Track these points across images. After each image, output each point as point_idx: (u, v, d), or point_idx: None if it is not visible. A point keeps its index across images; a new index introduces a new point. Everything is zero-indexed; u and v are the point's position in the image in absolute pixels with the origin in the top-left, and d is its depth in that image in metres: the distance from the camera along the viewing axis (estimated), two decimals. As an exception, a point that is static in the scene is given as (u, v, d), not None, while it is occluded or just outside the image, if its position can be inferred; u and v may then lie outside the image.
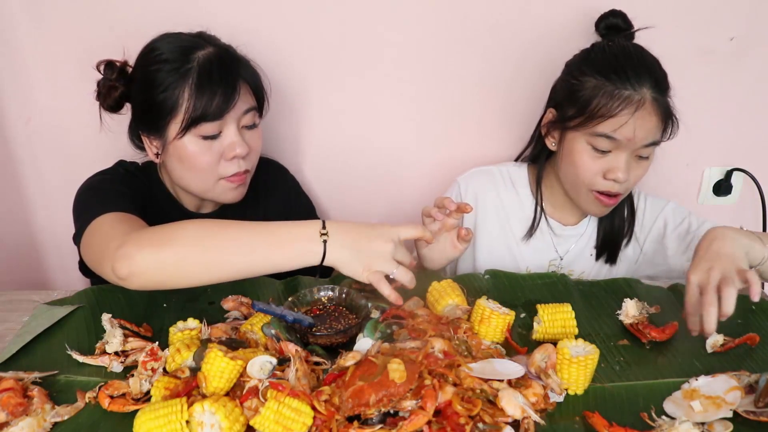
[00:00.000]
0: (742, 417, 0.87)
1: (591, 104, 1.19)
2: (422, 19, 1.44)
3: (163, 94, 1.13)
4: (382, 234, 0.99)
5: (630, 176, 1.22)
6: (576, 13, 1.41)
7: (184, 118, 1.12)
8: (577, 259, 1.42)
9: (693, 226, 1.34)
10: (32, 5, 1.38)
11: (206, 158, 1.16)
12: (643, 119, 1.17)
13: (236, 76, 1.15)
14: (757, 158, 1.67)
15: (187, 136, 1.15)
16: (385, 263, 0.98)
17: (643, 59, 1.21)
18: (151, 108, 1.15)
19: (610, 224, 1.38)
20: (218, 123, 1.14)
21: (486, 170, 1.44)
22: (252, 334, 0.99)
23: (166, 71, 1.13)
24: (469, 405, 0.84)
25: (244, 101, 1.17)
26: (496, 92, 1.54)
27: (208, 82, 1.12)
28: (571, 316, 1.04)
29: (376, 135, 1.59)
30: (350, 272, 0.98)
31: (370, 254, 0.97)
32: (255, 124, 1.21)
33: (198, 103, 1.12)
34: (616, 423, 0.86)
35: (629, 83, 1.16)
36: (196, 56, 1.14)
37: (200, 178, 1.20)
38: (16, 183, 1.57)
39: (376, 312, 1.03)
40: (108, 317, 1.06)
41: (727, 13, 1.49)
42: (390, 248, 0.98)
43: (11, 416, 0.86)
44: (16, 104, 1.48)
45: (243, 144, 1.17)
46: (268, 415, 0.80)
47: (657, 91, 1.17)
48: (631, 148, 1.20)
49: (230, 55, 1.18)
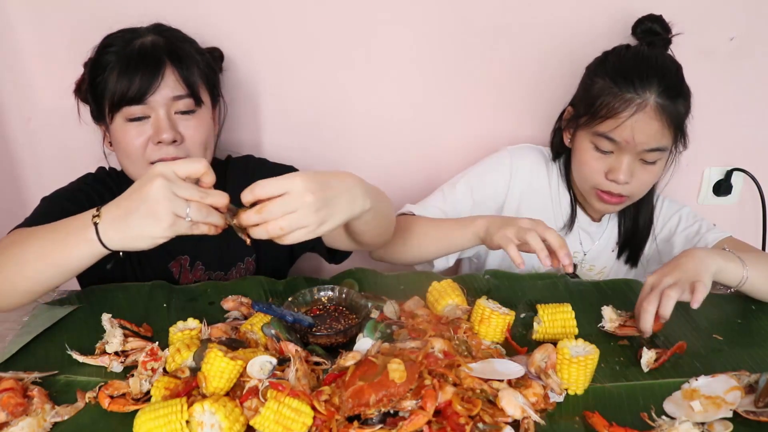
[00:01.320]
0: (742, 417, 0.87)
1: (596, 103, 1.21)
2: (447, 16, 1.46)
3: (100, 77, 1.17)
4: (147, 192, 0.83)
5: (634, 180, 1.23)
6: (605, 14, 1.42)
7: (110, 100, 1.16)
8: (600, 255, 1.43)
9: (702, 229, 1.35)
10: (32, 5, 1.38)
11: (135, 141, 1.17)
12: (643, 122, 1.17)
13: (160, 62, 1.16)
14: (757, 158, 1.67)
15: (117, 119, 1.17)
16: (162, 215, 0.82)
17: (656, 65, 1.21)
18: (93, 91, 1.20)
19: (633, 223, 1.39)
20: (144, 107, 1.16)
21: (536, 149, 1.43)
22: (252, 334, 0.99)
23: (106, 54, 1.18)
24: (469, 405, 0.84)
25: (173, 88, 1.17)
26: (522, 88, 1.55)
27: (130, 65, 1.15)
28: (571, 316, 1.04)
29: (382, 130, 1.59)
30: (143, 244, 0.86)
31: (150, 206, 0.83)
32: (192, 111, 1.20)
33: (120, 85, 1.14)
34: (616, 423, 0.86)
35: (633, 86, 1.18)
36: (133, 43, 1.17)
37: (132, 163, 1.21)
38: (16, 183, 1.57)
39: (376, 312, 1.03)
40: (108, 317, 1.06)
41: (727, 13, 1.49)
42: (160, 195, 0.82)
43: (11, 416, 0.86)
44: (16, 104, 1.48)
45: (170, 130, 1.17)
46: (268, 415, 0.80)
47: (664, 96, 1.17)
48: (633, 151, 1.20)
49: (165, 44, 1.19)
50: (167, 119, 1.17)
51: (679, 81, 1.22)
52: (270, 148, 1.57)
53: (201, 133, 1.22)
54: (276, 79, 1.50)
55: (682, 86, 1.21)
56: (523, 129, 1.56)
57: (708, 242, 1.30)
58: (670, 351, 1.00)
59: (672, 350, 1.01)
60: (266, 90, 1.51)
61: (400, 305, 1.09)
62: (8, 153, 1.53)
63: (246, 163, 1.40)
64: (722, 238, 1.30)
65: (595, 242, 1.43)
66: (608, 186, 1.25)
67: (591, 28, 1.43)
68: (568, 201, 1.39)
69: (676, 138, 1.22)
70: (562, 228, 1.40)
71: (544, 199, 1.40)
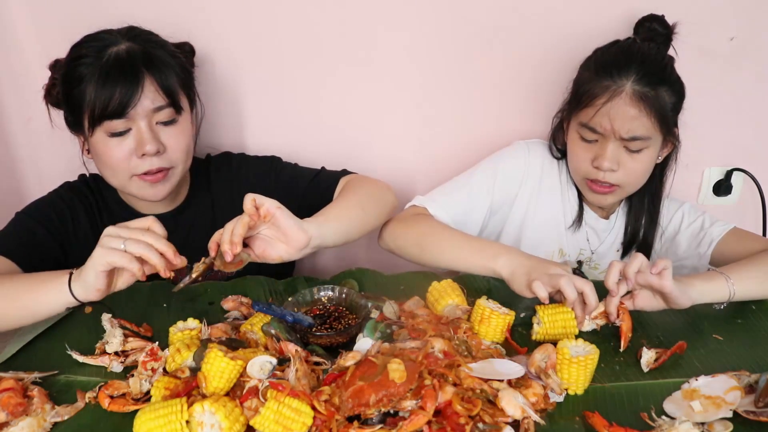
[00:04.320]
0: (742, 417, 0.86)
1: (578, 93, 1.25)
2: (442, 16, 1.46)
3: (76, 89, 1.14)
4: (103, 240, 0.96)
5: (622, 169, 1.24)
6: (606, 13, 1.42)
7: (89, 115, 1.14)
8: (606, 254, 1.44)
9: (706, 223, 1.35)
10: (32, 5, 1.38)
11: (117, 154, 1.16)
12: (618, 109, 1.19)
13: (139, 74, 1.13)
14: (757, 158, 1.66)
15: (97, 133, 1.15)
16: (98, 249, 0.95)
17: (636, 53, 1.22)
18: (68, 103, 1.17)
19: (637, 224, 1.39)
20: (124, 120, 1.14)
21: (546, 145, 1.42)
22: (252, 334, 0.99)
23: (80, 65, 1.14)
24: (469, 405, 0.84)
25: (152, 99, 1.15)
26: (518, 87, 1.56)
27: (108, 79, 1.12)
28: (571, 316, 1.04)
29: (379, 138, 1.59)
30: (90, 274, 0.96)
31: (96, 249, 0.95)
32: (173, 120, 1.20)
33: (99, 100, 1.12)
34: (616, 423, 0.86)
35: (611, 74, 1.20)
36: (107, 53, 1.14)
37: (114, 175, 1.20)
38: (16, 183, 1.57)
39: (376, 312, 1.03)
40: (108, 317, 1.06)
41: (727, 13, 1.49)
42: (110, 231, 0.96)
43: (11, 416, 0.86)
44: (16, 104, 1.48)
45: (153, 141, 1.16)
46: (268, 415, 0.80)
47: (642, 83, 1.18)
48: (614, 138, 1.21)
49: (141, 53, 1.16)
50: (149, 131, 1.16)
51: (662, 70, 1.22)
52: (255, 150, 1.56)
53: (183, 140, 1.21)
54: (262, 76, 1.50)
55: (665, 75, 1.21)
56: (525, 128, 1.56)
57: (713, 237, 1.30)
58: (670, 351, 1.00)
59: (672, 350, 1.01)
60: (256, 88, 1.52)
61: (400, 305, 1.09)
62: (8, 153, 1.53)
63: (227, 159, 1.40)
64: (727, 230, 1.30)
65: (603, 241, 1.43)
66: (596, 174, 1.26)
67: (591, 28, 1.42)
68: (575, 196, 1.40)
69: (664, 129, 1.22)
70: (571, 225, 1.40)
71: (554, 195, 1.40)
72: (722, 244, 1.29)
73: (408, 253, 1.25)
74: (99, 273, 0.94)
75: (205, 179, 1.36)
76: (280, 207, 1.00)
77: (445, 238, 1.22)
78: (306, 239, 1.01)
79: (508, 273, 1.10)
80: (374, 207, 1.24)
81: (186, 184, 1.34)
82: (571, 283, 1.00)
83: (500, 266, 1.11)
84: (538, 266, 1.07)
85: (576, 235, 1.42)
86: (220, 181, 1.37)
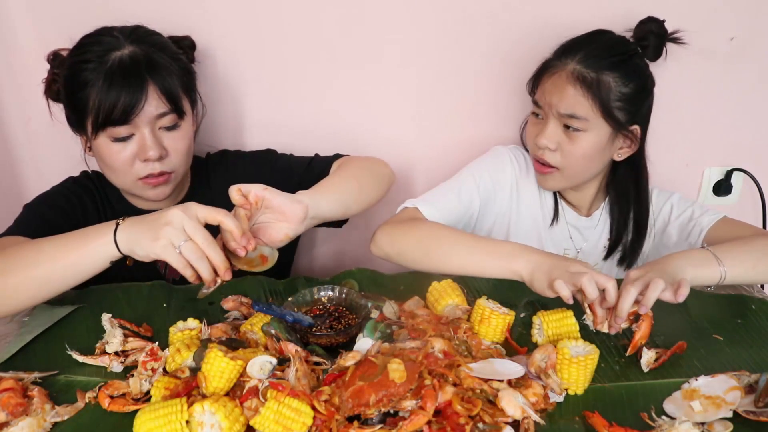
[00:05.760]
0: (742, 417, 0.87)
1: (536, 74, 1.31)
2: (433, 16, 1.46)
3: (80, 93, 1.14)
4: (165, 213, 0.94)
5: (560, 150, 1.26)
6: (606, 13, 1.41)
7: (93, 120, 1.14)
8: (591, 253, 1.43)
9: (696, 213, 1.33)
10: (32, 5, 1.38)
11: (119, 159, 1.17)
12: (556, 85, 1.24)
13: (143, 81, 1.13)
14: (757, 158, 1.66)
15: (101, 137, 1.16)
16: (160, 234, 0.92)
17: (590, 40, 1.26)
18: (71, 105, 1.18)
19: (622, 222, 1.38)
20: (128, 127, 1.14)
21: (521, 149, 1.44)
22: (252, 334, 0.99)
23: (84, 70, 1.14)
24: (469, 405, 0.84)
25: (156, 106, 1.15)
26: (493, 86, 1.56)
27: (112, 86, 1.12)
28: (573, 321, 1.02)
29: (373, 133, 1.59)
30: (140, 252, 0.95)
31: (159, 226, 0.93)
32: (176, 125, 1.20)
33: (103, 107, 1.12)
34: (616, 423, 0.86)
35: (559, 55, 1.27)
36: (111, 57, 1.14)
37: (118, 177, 1.22)
38: (16, 183, 1.57)
39: (376, 312, 1.03)
40: (108, 317, 1.06)
41: (727, 13, 1.49)
42: (177, 220, 0.93)
43: (11, 416, 0.86)
44: (16, 104, 1.48)
45: (156, 147, 1.17)
46: (268, 415, 0.80)
47: (584, 65, 1.22)
48: (553, 115, 1.25)
49: (144, 59, 1.15)
50: (152, 137, 1.17)
51: (612, 56, 1.22)
52: (254, 147, 1.56)
53: (184, 144, 1.23)
54: (262, 74, 1.50)
55: (616, 63, 1.22)
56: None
57: (703, 226, 1.29)
58: (670, 351, 1.00)
59: (672, 350, 1.01)
60: (256, 87, 1.52)
61: (400, 305, 1.09)
62: (8, 153, 1.53)
63: (224, 158, 1.41)
64: (717, 219, 1.28)
65: (587, 239, 1.43)
66: (538, 152, 1.30)
67: (592, 27, 1.43)
68: (551, 194, 1.41)
69: (605, 114, 1.22)
70: (551, 224, 1.41)
71: (532, 194, 1.41)
72: (712, 233, 1.27)
73: (410, 259, 1.20)
74: (150, 255, 0.94)
75: (205, 177, 1.37)
76: (266, 188, 1.00)
77: (452, 240, 1.17)
78: (303, 209, 1.02)
79: (528, 273, 1.06)
80: (369, 178, 1.25)
81: (187, 182, 1.36)
82: (593, 282, 0.97)
83: (521, 267, 1.07)
84: (558, 264, 1.03)
85: (557, 233, 1.41)
86: (219, 178, 1.37)
